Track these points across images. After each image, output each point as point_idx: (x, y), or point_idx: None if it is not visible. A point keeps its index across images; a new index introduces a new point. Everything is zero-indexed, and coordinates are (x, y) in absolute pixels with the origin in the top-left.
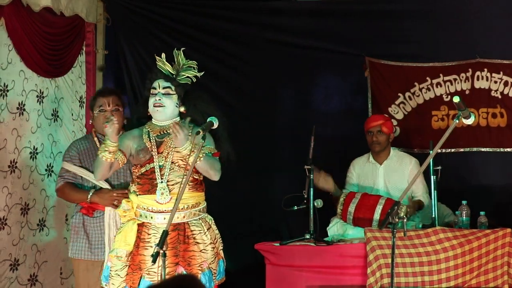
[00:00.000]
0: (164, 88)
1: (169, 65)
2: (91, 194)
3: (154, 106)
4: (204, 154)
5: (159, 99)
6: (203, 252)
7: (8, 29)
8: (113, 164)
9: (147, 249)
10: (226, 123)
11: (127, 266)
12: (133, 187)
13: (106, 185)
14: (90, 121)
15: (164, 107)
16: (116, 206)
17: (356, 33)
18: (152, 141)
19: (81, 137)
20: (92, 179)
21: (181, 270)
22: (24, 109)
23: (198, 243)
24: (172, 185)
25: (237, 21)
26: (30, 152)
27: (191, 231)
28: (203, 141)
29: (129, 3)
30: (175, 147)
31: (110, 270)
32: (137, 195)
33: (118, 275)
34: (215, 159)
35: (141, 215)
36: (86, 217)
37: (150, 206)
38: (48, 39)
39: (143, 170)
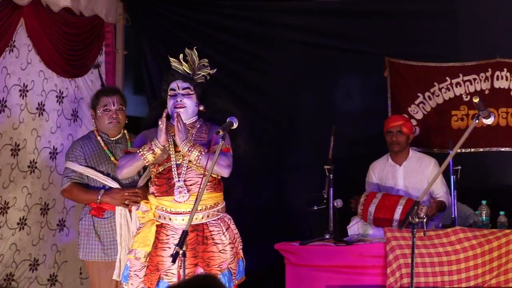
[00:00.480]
0: (183, 89)
1: (186, 65)
2: (101, 194)
3: (175, 107)
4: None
5: (180, 100)
6: (222, 252)
7: (27, 30)
8: None
9: (165, 250)
10: (244, 121)
11: (146, 267)
12: (151, 189)
13: (115, 185)
14: (93, 120)
15: (186, 108)
16: (127, 206)
17: (376, 33)
18: (169, 140)
19: (83, 136)
20: (100, 178)
21: (200, 271)
22: (44, 109)
23: (217, 243)
24: (191, 184)
25: (258, 21)
26: (50, 152)
27: (210, 231)
28: (223, 141)
29: (149, 3)
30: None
31: (130, 270)
32: (155, 196)
33: (137, 275)
34: (224, 155)
35: (159, 216)
36: (96, 218)
37: (168, 208)
38: (67, 39)
39: (160, 169)
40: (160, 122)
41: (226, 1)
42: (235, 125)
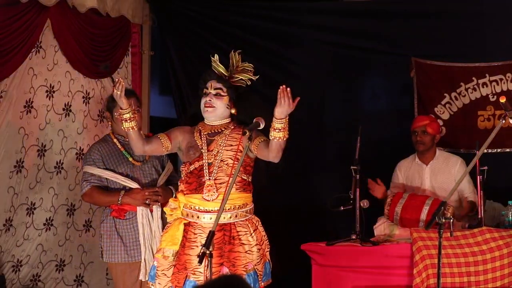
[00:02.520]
0: (215, 89)
1: (223, 66)
2: (122, 195)
3: (205, 106)
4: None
5: (210, 100)
6: (248, 253)
7: (54, 30)
8: (151, 140)
9: (193, 248)
10: (271, 122)
11: (173, 266)
12: (181, 186)
13: (135, 185)
14: (109, 122)
15: (214, 108)
16: (148, 205)
17: (402, 33)
18: (202, 139)
19: (100, 140)
20: (120, 180)
21: (225, 270)
22: (70, 110)
23: (243, 244)
24: (220, 183)
25: (283, 22)
26: (76, 153)
27: (237, 232)
28: (250, 142)
29: (175, 4)
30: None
31: (157, 270)
32: (184, 194)
33: (165, 274)
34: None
35: (187, 215)
36: (118, 220)
37: (197, 205)
38: (94, 40)
39: (192, 167)
40: (115, 89)
41: (252, 1)
42: (261, 126)
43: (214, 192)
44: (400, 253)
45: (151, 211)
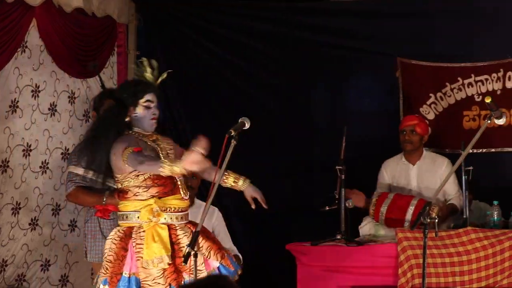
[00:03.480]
0: (157, 101)
1: (152, 77)
2: (106, 196)
3: (151, 119)
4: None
5: (155, 113)
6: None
7: (40, 30)
8: None
9: (181, 250)
10: (255, 121)
11: (163, 272)
12: (149, 193)
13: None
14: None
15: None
16: None
17: (387, 33)
18: (151, 144)
19: None
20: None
21: (214, 265)
22: (56, 110)
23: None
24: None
25: (270, 22)
26: (62, 153)
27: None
28: (235, 142)
29: (161, 4)
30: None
31: (144, 282)
32: (159, 197)
33: (158, 283)
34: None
35: (165, 218)
36: (102, 220)
37: (177, 207)
38: (79, 39)
39: None
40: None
41: (239, 1)
42: (247, 126)
43: (185, 189)
44: (385, 253)
45: None
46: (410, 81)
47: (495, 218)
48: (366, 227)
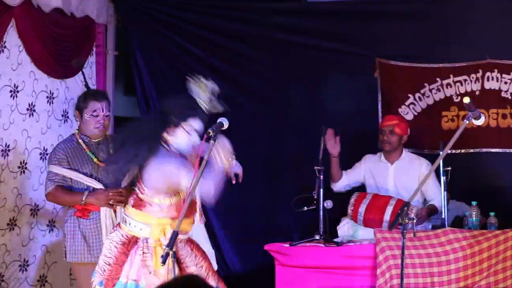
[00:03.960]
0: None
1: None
2: (85, 195)
3: (189, 148)
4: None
5: (195, 142)
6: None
7: (18, 30)
8: None
9: (188, 266)
10: (233, 122)
11: None
12: (167, 215)
13: (99, 186)
14: (78, 122)
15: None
16: (112, 206)
17: (366, 34)
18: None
19: (65, 140)
20: (84, 180)
21: (192, 269)
22: (34, 110)
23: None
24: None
25: (247, 22)
26: (40, 153)
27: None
28: (214, 143)
29: (140, 4)
30: None
31: None
32: (172, 219)
33: None
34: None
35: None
36: (82, 220)
37: (184, 230)
38: (58, 40)
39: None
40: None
41: (217, 1)
42: (225, 126)
43: (202, 216)
44: (364, 254)
45: (115, 211)
46: (388, 82)
47: (474, 218)
48: (345, 228)
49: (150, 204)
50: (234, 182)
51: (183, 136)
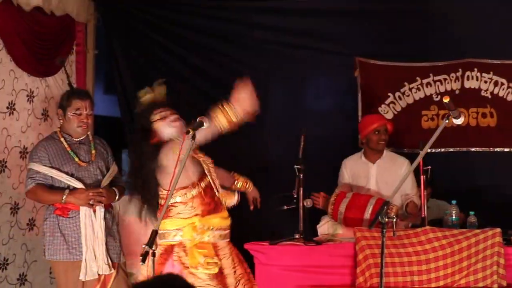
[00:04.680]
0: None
1: None
2: (66, 194)
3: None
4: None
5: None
6: None
7: None
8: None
9: (225, 268)
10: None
11: (213, 278)
12: (194, 211)
13: (80, 185)
14: (60, 120)
15: None
16: (92, 206)
17: (345, 32)
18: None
19: (46, 137)
20: (64, 179)
21: (177, 269)
22: (14, 109)
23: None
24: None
25: (227, 21)
26: (20, 152)
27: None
28: (193, 141)
29: (120, 3)
30: None
31: None
32: (202, 216)
33: (208, 284)
34: None
35: (208, 236)
36: (61, 218)
37: (218, 225)
38: (38, 38)
39: (203, 184)
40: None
41: (197, 1)
42: (205, 125)
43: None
44: (344, 253)
45: (94, 211)
46: (368, 81)
47: (453, 217)
48: (325, 227)
49: (174, 206)
50: (252, 208)
51: (164, 126)
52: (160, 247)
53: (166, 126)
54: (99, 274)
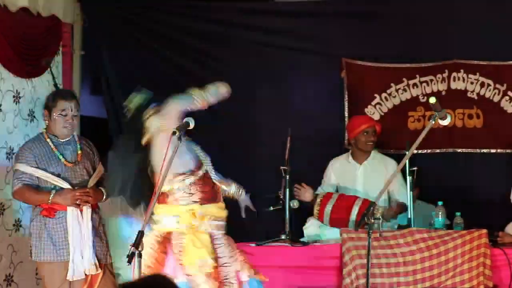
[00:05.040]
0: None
1: None
2: (52, 195)
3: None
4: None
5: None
6: None
7: None
8: None
9: (221, 257)
10: (200, 121)
11: (210, 275)
12: (192, 198)
13: (66, 185)
14: (46, 121)
15: None
16: (79, 206)
17: (332, 34)
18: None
19: (32, 138)
20: (51, 179)
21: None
22: (0, 110)
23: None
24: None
25: (214, 22)
26: (7, 153)
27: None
28: (180, 141)
29: (106, 4)
30: None
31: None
32: (200, 204)
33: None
34: None
35: (204, 225)
36: (48, 219)
37: (216, 215)
38: (25, 39)
39: (200, 172)
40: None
41: (182, 1)
42: (191, 126)
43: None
44: (330, 254)
45: (81, 211)
46: (355, 82)
47: (439, 218)
48: (311, 228)
49: (172, 193)
50: (244, 216)
51: (156, 118)
52: (156, 233)
53: (158, 118)
54: (86, 275)
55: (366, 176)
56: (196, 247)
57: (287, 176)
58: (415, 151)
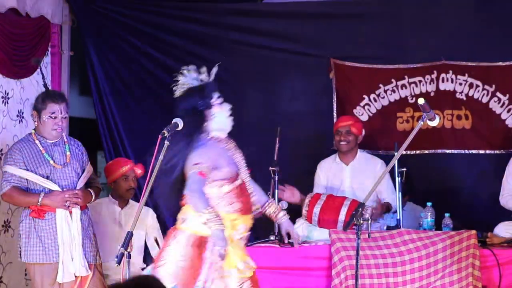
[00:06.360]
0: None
1: None
2: (41, 197)
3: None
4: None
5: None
6: None
7: None
8: None
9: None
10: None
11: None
12: (231, 207)
13: (55, 187)
14: (35, 122)
15: None
16: (68, 207)
17: (321, 34)
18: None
19: (21, 140)
20: (40, 181)
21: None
22: None
23: None
24: None
25: (203, 23)
26: None
27: None
28: (168, 143)
29: (95, 5)
30: None
31: None
32: (241, 214)
33: None
34: None
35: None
36: (37, 220)
37: (248, 226)
38: (14, 40)
39: (238, 182)
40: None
41: (172, 2)
42: (180, 127)
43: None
44: (319, 254)
45: (71, 213)
46: (343, 83)
47: (428, 219)
48: (300, 229)
49: (208, 197)
50: (286, 241)
51: (219, 112)
52: (194, 236)
53: (223, 117)
54: (75, 276)
55: (353, 176)
56: (236, 250)
57: (276, 177)
58: (404, 152)
